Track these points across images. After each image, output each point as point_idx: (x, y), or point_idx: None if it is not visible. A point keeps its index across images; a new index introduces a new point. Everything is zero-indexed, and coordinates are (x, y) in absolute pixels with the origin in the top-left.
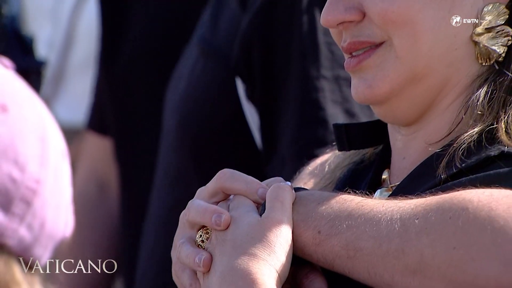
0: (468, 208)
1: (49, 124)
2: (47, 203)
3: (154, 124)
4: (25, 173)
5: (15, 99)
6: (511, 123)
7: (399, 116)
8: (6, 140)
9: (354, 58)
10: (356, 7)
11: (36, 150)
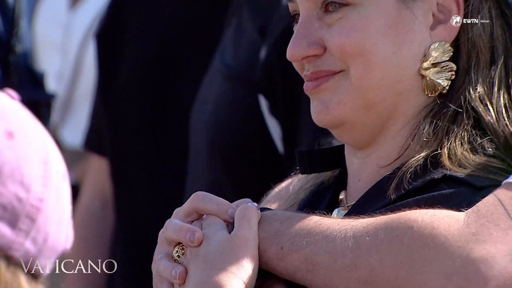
0: (413, 227)
1: (51, 149)
2: (49, 219)
3: (149, 145)
4: (30, 192)
5: (21, 127)
6: (453, 149)
7: (354, 139)
8: (13, 163)
9: (314, 81)
10: (317, 43)
11: (39, 172)
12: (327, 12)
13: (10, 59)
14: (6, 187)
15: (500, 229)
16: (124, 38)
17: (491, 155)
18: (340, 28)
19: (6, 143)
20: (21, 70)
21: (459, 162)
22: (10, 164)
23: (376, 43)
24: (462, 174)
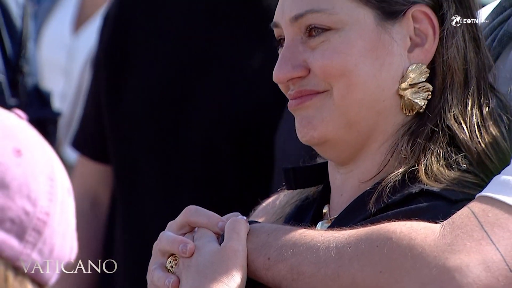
0: (392, 238)
1: (57, 165)
2: (55, 232)
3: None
4: (37, 207)
5: (28, 145)
6: (429, 165)
7: (336, 155)
8: (20, 179)
9: (298, 99)
10: (302, 65)
11: (45, 188)
12: (311, 37)
13: (19, 79)
14: (14, 201)
15: (474, 239)
16: (134, 54)
17: (465, 171)
18: (323, 51)
19: (14, 160)
20: (29, 89)
21: (435, 177)
22: (18, 180)
23: (357, 65)
24: (438, 188)
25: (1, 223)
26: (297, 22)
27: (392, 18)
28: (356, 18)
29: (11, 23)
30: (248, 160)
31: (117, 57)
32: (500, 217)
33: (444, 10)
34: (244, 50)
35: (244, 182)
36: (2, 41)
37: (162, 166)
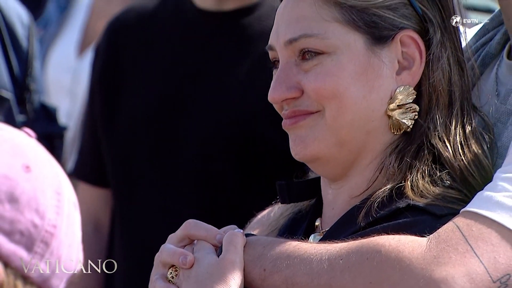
0: (381, 251)
1: (63, 181)
2: (62, 243)
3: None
4: (45, 220)
5: (37, 161)
6: (415, 182)
7: (328, 172)
8: (29, 193)
9: (292, 118)
10: (295, 86)
11: (53, 202)
12: (304, 60)
13: (26, 96)
14: (23, 215)
15: (459, 252)
16: (126, 79)
17: (449, 187)
18: (316, 74)
19: (24, 176)
20: (36, 106)
21: (421, 193)
22: (27, 195)
23: (348, 87)
24: (424, 203)
25: (11, 235)
26: (292, 45)
27: (381, 43)
28: (347, 43)
29: (17, 44)
30: (245, 169)
31: (110, 84)
32: (484, 231)
33: (430, 35)
34: (230, 65)
35: (242, 192)
36: (9, 60)
37: (160, 183)
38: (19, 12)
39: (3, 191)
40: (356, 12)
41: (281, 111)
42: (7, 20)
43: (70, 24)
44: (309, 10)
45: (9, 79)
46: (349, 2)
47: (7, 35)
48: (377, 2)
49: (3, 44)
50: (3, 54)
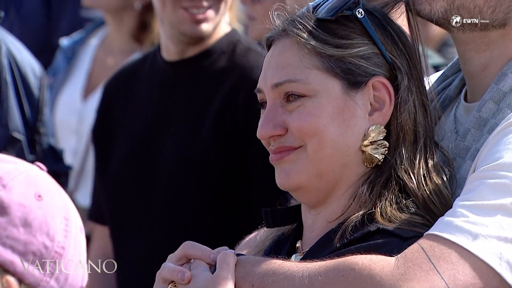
0: (355, 269)
1: (71, 208)
2: (69, 263)
3: (137, 212)
4: (54, 242)
5: (48, 191)
6: (384, 209)
7: (308, 200)
8: (41, 219)
9: (278, 154)
10: (281, 125)
11: (62, 226)
12: (289, 101)
13: (36, 138)
14: (36, 237)
15: (423, 270)
16: (114, 129)
17: (413, 213)
18: (299, 114)
19: (36, 203)
20: (44, 147)
21: (389, 218)
22: (39, 220)
23: (327, 126)
24: (392, 227)
25: (25, 255)
26: (277, 88)
27: (356, 87)
28: (326, 87)
29: (30, 92)
30: (207, 193)
31: (102, 138)
32: (445, 251)
33: (399, 81)
34: (189, 103)
35: (208, 214)
36: (22, 106)
37: (139, 214)
38: (32, 64)
39: (18, 216)
40: (334, 60)
41: (268, 146)
42: (21, 71)
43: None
44: (293, 59)
45: (21, 123)
46: (328, 52)
47: (21, 84)
48: (353, 52)
49: (17, 92)
50: (17, 100)
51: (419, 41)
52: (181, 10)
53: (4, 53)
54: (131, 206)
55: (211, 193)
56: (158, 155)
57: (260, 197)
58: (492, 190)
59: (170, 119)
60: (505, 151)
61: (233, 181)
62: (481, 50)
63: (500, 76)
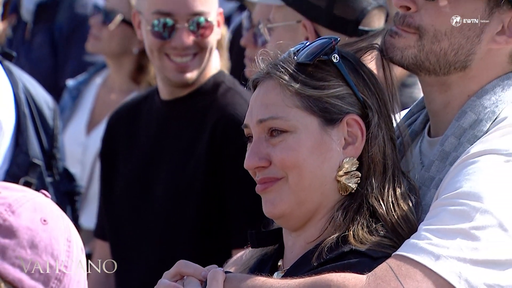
0: (331, 285)
1: (73, 230)
2: (72, 280)
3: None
4: (58, 261)
5: (52, 216)
6: (356, 232)
7: (290, 225)
8: (46, 241)
9: (263, 184)
10: (265, 158)
11: (64, 247)
12: (272, 136)
13: (52, 163)
14: (41, 257)
15: (391, 287)
16: (118, 156)
17: (383, 236)
18: (281, 148)
19: (42, 227)
20: (60, 170)
21: (361, 240)
22: (44, 242)
23: (306, 159)
24: (363, 248)
25: (32, 274)
26: (262, 124)
27: (331, 124)
28: (305, 124)
29: (45, 123)
30: (196, 217)
31: (107, 164)
32: (410, 270)
33: (370, 118)
34: (181, 138)
35: (196, 235)
36: (39, 136)
37: (136, 232)
38: (46, 98)
39: (25, 239)
40: (312, 100)
41: (254, 176)
42: (37, 104)
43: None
44: (276, 98)
45: (39, 150)
46: (307, 93)
47: (37, 116)
48: (329, 92)
49: (34, 123)
50: (35, 130)
51: (392, 83)
52: (165, 57)
53: (21, 89)
54: (130, 229)
55: (201, 217)
56: (154, 184)
57: (236, 218)
58: (453, 216)
59: (164, 152)
60: (464, 181)
61: (217, 206)
62: (444, 90)
63: (461, 113)
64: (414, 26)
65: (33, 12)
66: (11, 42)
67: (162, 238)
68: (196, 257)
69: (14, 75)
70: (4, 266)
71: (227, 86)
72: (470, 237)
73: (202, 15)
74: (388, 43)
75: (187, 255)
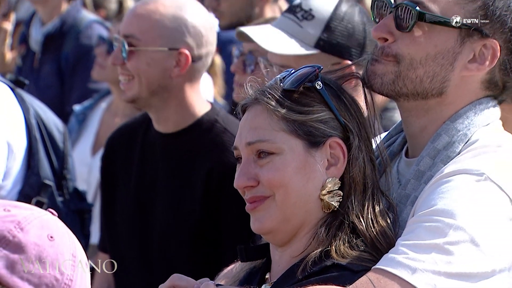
0: None
1: (78, 246)
2: None
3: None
4: (64, 275)
5: (58, 233)
6: (338, 247)
7: (276, 241)
8: (53, 256)
9: (252, 203)
10: (253, 178)
11: (70, 262)
12: (260, 158)
13: (63, 183)
14: (48, 272)
15: None
16: (117, 176)
17: (363, 251)
18: (268, 169)
19: (49, 243)
20: (70, 190)
21: (342, 255)
22: (51, 257)
23: (292, 179)
24: (345, 262)
25: (39, 287)
26: (250, 146)
27: (315, 146)
28: (291, 146)
29: (55, 145)
30: (189, 243)
31: (107, 183)
32: (389, 283)
33: (351, 141)
34: (171, 172)
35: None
36: (50, 158)
37: (136, 253)
38: (56, 122)
39: (33, 254)
40: (297, 124)
41: (243, 195)
42: (47, 128)
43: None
44: (263, 122)
45: (50, 171)
46: (292, 117)
47: (47, 139)
48: (313, 117)
49: (45, 146)
50: (45, 153)
51: (372, 108)
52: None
53: (32, 115)
54: (130, 247)
55: (195, 242)
56: (152, 207)
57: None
58: (428, 232)
59: (159, 184)
60: (438, 199)
61: (211, 231)
62: (421, 115)
63: (436, 136)
64: (392, 55)
65: (41, 42)
66: (21, 70)
67: (160, 260)
68: (192, 273)
69: (25, 102)
70: (14, 279)
71: (222, 126)
72: (444, 252)
73: (127, 38)
74: (369, 71)
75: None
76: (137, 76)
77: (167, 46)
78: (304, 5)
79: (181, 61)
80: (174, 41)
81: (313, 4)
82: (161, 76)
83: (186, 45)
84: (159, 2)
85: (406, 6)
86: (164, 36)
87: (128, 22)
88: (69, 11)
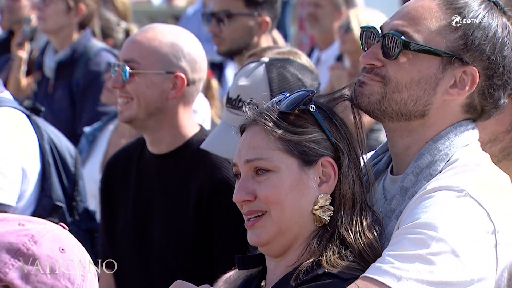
0: None
1: (87, 257)
2: None
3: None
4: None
5: (68, 245)
6: (328, 257)
7: (272, 252)
8: (64, 267)
9: (250, 221)
10: (251, 193)
11: (80, 272)
12: (257, 174)
13: (73, 205)
14: (60, 281)
15: None
16: (116, 197)
17: (352, 261)
18: (265, 186)
19: (60, 255)
20: (81, 211)
21: (333, 264)
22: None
23: (287, 195)
24: (335, 271)
25: None
26: (249, 164)
27: (309, 165)
28: (286, 164)
29: (67, 169)
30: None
31: (106, 204)
32: None
33: (341, 160)
34: (173, 196)
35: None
36: (62, 181)
37: (136, 266)
38: (69, 147)
39: (46, 265)
40: (292, 144)
41: (241, 208)
42: (60, 153)
43: (95, 152)
44: (261, 142)
45: (62, 194)
46: (288, 138)
47: (60, 163)
48: (307, 137)
49: (58, 170)
50: (58, 176)
51: (361, 128)
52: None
53: (46, 140)
54: (130, 264)
55: (192, 256)
56: (149, 228)
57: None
58: (412, 243)
59: (156, 203)
60: (422, 213)
61: (206, 245)
62: (405, 135)
63: (419, 155)
64: (380, 75)
65: (54, 69)
66: (36, 95)
67: (159, 273)
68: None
69: (40, 128)
70: None
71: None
72: (427, 262)
73: (127, 63)
74: (357, 91)
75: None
76: (136, 97)
77: (164, 69)
78: (232, 94)
79: (177, 84)
80: (171, 65)
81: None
82: (159, 98)
83: (182, 69)
84: (157, 30)
85: (393, 35)
86: (162, 60)
87: (128, 48)
88: (80, 40)
